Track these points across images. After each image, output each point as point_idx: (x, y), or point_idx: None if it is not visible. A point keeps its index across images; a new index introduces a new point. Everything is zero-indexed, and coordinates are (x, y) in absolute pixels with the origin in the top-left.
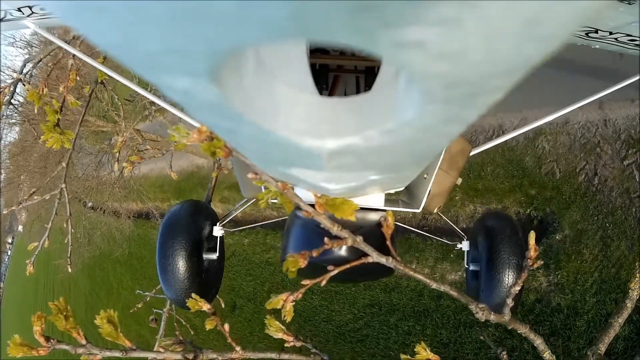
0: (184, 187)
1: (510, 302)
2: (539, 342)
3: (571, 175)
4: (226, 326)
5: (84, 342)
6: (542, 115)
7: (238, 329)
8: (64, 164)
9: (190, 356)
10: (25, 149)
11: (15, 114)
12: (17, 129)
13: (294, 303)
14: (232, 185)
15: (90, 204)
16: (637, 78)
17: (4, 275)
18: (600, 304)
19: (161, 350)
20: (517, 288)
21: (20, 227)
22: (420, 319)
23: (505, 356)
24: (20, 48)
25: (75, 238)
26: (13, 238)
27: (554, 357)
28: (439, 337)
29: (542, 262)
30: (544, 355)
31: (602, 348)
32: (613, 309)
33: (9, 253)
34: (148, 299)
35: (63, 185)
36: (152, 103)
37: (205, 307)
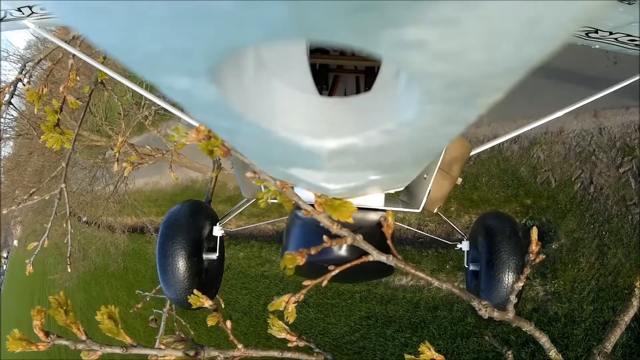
0: (179, 200)
1: (513, 298)
2: (544, 340)
3: (567, 184)
4: (228, 323)
5: (84, 337)
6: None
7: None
8: (63, 164)
9: (192, 353)
10: (19, 164)
11: (9, 128)
12: (11, 143)
13: (296, 304)
14: (227, 198)
15: (84, 219)
16: (635, 79)
17: (1, 289)
18: (598, 312)
19: (162, 347)
20: (520, 284)
21: (15, 242)
22: (417, 330)
23: (510, 356)
24: (14, 62)
25: (71, 252)
26: (8, 253)
27: (560, 355)
28: (436, 349)
29: (544, 256)
30: (550, 353)
31: (609, 347)
32: (611, 316)
33: (4, 267)
34: (148, 299)
35: (63, 185)
36: (146, 117)
37: (207, 303)
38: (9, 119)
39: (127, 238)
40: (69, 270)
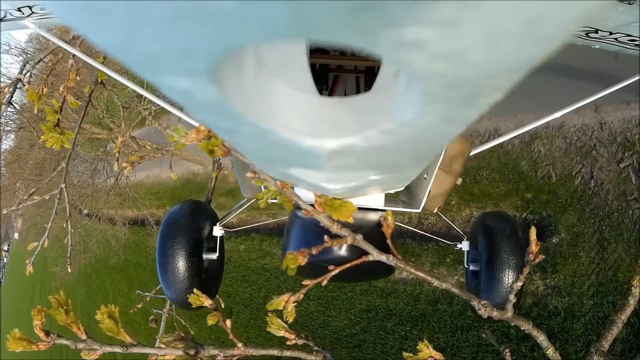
0: (180, 193)
1: (512, 298)
2: (542, 338)
3: (567, 178)
4: (228, 322)
5: (84, 337)
6: (537, 118)
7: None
8: (63, 164)
9: (192, 352)
10: (20, 157)
11: (11, 121)
12: (12, 136)
13: (295, 304)
14: (228, 191)
15: (85, 212)
16: (636, 79)
17: (1, 282)
18: (598, 306)
19: (162, 346)
20: (519, 284)
21: (16, 235)
22: (417, 323)
23: (508, 353)
24: (15, 55)
25: (71, 252)
26: (9, 246)
27: (557, 354)
28: (436, 342)
29: (543, 257)
30: (548, 352)
31: (606, 345)
32: (610, 311)
33: (5, 260)
34: (148, 299)
35: (63, 185)
36: (150, 113)
37: (207, 302)
38: (10, 111)
39: (128, 231)
40: (69, 270)
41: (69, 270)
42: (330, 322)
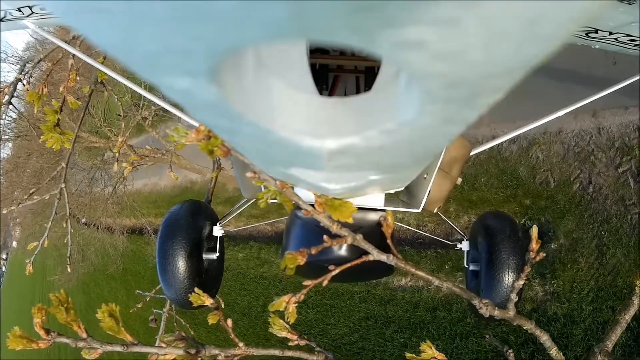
0: (178, 202)
1: (514, 297)
2: (545, 338)
3: (566, 184)
4: (229, 321)
5: (84, 335)
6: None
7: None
8: (63, 164)
9: (193, 351)
10: (18, 165)
11: (9, 130)
12: (10, 144)
13: (296, 304)
14: (226, 200)
15: (83, 220)
16: (635, 79)
17: (0, 290)
18: (597, 312)
19: (163, 345)
20: (521, 282)
21: (14, 244)
22: (416, 331)
23: (511, 355)
24: (13, 64)
25: (70, 253)
26: (7, 254)
27: (561, 354)
28: (436, 349)
29: (544, 255)
30: (551, 352)
31: (610, 345)
32: (610, 316)
33: (3, 269)
34: (148, 299)
35: (63, 185)
36: (145, 118)
37: (208, 301)
38: (8, 120)
39: (126, 239)
40: (69, 270)
41: (69, 270)
42: (329, 330)
